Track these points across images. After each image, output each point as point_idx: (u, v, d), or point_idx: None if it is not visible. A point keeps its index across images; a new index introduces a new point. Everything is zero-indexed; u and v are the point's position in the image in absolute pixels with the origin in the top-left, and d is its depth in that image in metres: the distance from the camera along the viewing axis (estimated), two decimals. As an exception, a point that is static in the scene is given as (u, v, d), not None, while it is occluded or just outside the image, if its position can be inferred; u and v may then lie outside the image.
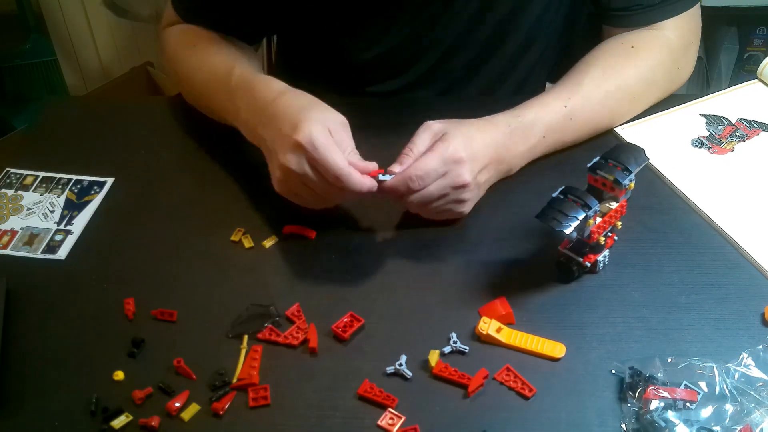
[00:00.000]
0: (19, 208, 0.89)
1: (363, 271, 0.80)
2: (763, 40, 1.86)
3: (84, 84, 2.23)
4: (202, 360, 0.72)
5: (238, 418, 0.68)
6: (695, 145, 0.93)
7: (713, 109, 0.98)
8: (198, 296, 0.79)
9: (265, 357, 0.72)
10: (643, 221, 0.85)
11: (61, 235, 0.86)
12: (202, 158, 0.96)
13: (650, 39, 0.96)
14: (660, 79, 0.96)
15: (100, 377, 0.71)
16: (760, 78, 1.03)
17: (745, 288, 0.77)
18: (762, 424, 0.64)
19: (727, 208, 0.85)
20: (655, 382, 0.67)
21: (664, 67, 0.96)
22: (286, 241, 0.84)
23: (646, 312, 0.75)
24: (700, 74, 1.88)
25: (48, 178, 0.93)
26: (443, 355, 0.72)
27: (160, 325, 0.76)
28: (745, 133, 0.95)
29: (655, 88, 0.96)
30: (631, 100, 0.95)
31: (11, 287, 0.79)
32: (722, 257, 0.81)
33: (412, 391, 0.70)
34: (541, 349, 0.72)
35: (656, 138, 0.94)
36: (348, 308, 0.76)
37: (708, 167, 0.91)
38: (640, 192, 0.89)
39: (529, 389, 0.69)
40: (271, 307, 0.76)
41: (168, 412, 0.68)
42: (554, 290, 0.78)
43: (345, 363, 0.72)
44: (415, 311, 0.76)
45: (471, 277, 0.79)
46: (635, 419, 0.65)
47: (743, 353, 0.69)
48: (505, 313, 0.74)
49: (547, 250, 0.82)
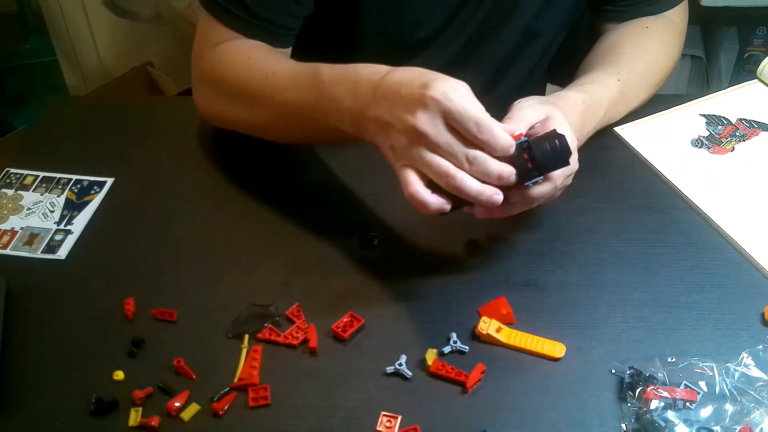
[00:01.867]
0: (19, 208, 0.89)
1: (363, 270, 0.80)
2: (763, 40, 1.86)
3: (84, 84, 2.23)
4: (202, 360, 0.72)
5: (238, 418, 0.68)
6: (695, 145, 0.93)
7: (713, 109, 0.98)
8: (198, 296, 0.79)
9: (265, 357, 0.72)
10: (643, 221, 0.85)
11: (61, 235, 0.86)
12: (202, 158, 0.96)
13: (660, 21, 0.99)
14: (674, 59, 0.99)
15: (100, 377, 0.71)
16: (760, 78, 1.03)
17: (745, 288, 0.78)
18: (762, 423, 0.64)
19: (727, 208, 0.85)
20: (655, 382, 0.67)
21: (676, 48, 1.00)
22: (285, 240, 0.84)
23: (646, 312, 0.76)
24: (700, 74, 1.88)
25: (48, 178, 0.93)
26: (443, 355, 0.72)
27: (160, 325, 0.76)
28: (745, 133, 0.95)
29: (672, 61, 0.99)
30: (659, 73, 0.96)
31: (11, 287, 0.79)
32: (722, 257, 0.81)
33: (412, 391, 0.70)
34: (541, 349, 0.72)
35: (656, 138, 0.94)
36: (348, 308, 0.76)
37: (708, 167, 0.91)
38: (640, 192, 0.89)
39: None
40: (271, 307, 0.76)
41: (168, 412, 0.68)
42: (554, 290, 0.78)
43: (345, 363, 0.72)
44: (415, 311, 0.76)
45: (471, 277, 0.79)
46: (635, 419, 0.65)
47: (743, 353, 0.69)
48: (505, 313, 0.74)
49: (547, 250, 0.82)
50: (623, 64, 0.91)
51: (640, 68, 0.92)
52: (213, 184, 0.92)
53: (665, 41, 0.98)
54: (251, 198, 0.89)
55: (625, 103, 0.92)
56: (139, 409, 0.68)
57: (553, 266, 0.80)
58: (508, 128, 0.69)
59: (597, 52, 0.96)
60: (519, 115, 0.73)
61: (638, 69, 0.92)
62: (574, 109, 0.81)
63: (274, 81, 0.84)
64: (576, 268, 0.80)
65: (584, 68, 0.94)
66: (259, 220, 0.87)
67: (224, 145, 0.96)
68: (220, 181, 0.92)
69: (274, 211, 0.87)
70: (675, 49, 0.99)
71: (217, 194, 0.90)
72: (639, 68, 0.92)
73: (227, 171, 0.93)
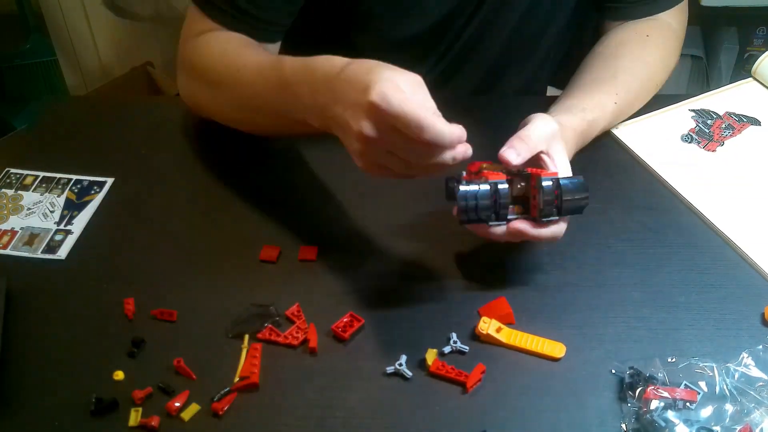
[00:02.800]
0: (19, 208, 0.89)
1: (363, 271, 0.80)
2: (763, 40, 1.86)
3: (84, 84, 2.23)
4: (202, 360, 0.72)
5: (238, 418, 0.68)
6: (685, 140, 0.94)
7: (703, 104, 0.99)
8: (198, 296, 0.79)
9: (265, 357, 0.72)
10: (642, 221, 0.85)
11: (61, 235, 0.86)
12: (202, 158, 0.96)
13: (659, 27, 0.98)
14: (671, 67, 0.99)
15: (100, 377, 0.71)
16: (754, 76, 1.03)
17: (745, 288, 0.78)
18: (762, 423, 0.64)
19: (722, 207, 0.85)
20: (655, 382, 0.67)
21: (674, 56, 1.00)
22: (285, 241, 0.84)
23: (646, 312, 0.76)
24: (700, 74, 1.88)
25: (48, 178, 0.93)
26: (443, 355, 0.72)
27: (160, 325, 0.76)
28: (733, 127, 0.95)
29: (668, 73, 0.99)
30: (654, 89, 0.97)
31: (11, 287, 0.79)
32: (722, 257, 0.81)
33: (412, 391, 0.70)
34: (541, 349, 0.72)
35: (649, 136, 0.94)
36: (348, 308, 0.76)
37: (700, 163, 0.91)
38: (640, 192, 0.89)
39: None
40: (271, 307, 0.76)
41: (168, 412, 0.68)
42: (554, 290, 0.78)
43: (345, 363, 0.72)
44: (415, 311, 0.76)
45: (471, 277, 0.79)
46: (635, 419, 0.65)
47: (743, 353, 0.69)
48: (505, 313, 0.74)
49: (547, 250, 0.82)
50: (621, 82, 0.91)
51: (637, 86, 0.93)
52: (213, 184, 0.92)
53: (664, 52, 0.98)
54: (251, 197, 0.89)
55: (619, 119, 0.94)
56: (139, 409, 0.68)
57: (553, 266, 0.80)
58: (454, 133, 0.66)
59: (596, 61, 0.95)
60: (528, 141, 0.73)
61: (635, 87, 0.93)
62: (571, 138, 0.83)
63: (244, 74, 0.84)
64: (576, 268, 0.80)
65: (582, 77, 0.93)
66: (259, 220, 0.87)
67: (224, 145, 0.96)
68: (220, 181, 0.92)
69: (274, 211, 0.87)
70: (673, 58, 1.00)
71: (217, 194, 0.90)
72: (636, 86, 0.93)
73: (227, 171, 0.93)
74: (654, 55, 0.96)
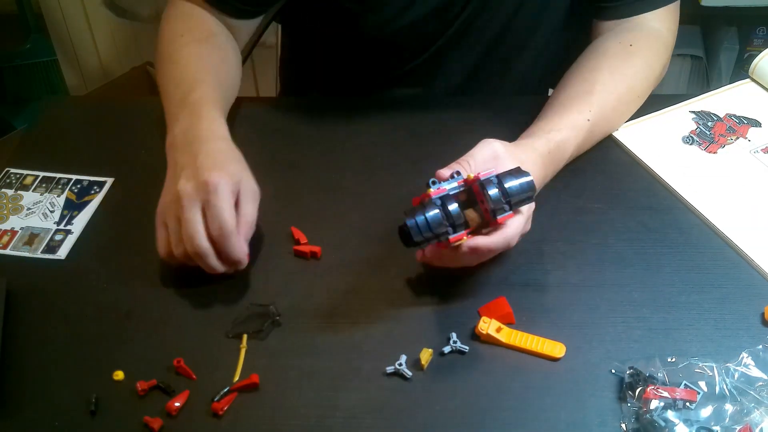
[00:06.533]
0: (19, 208, 0.89)
1: (363, 271, 0.80)
2: (763, 40, 1.86)
3: (84, 84, 2.23)
4: (202, 360, 0.72)
5: (238, 418, 0.68)
6: (686, 142, 0.94)
7: (703, 106, 0.99)
8: (198, 296, 0.79)
9: (265, 357, 0.72)
10: (643, 221, 0.85)
11: (61, 234, 0.86)
12: (202, 158, 0.96)
13: (645, 36, 0.96)
14: (657, 74, 0.97)
15: (100, 377, 0.71)
16: (752, 77, 1.03)
17: (745, 288, 0.78)
18: (762, 423, 0.64)
19: (723, 208, 0.85)
20: (655, 381, 0.67)
21: (660, 63, 0.97)
22: (285, 240, 0.84)
23: (646, 312, 0.76)
24: (700, 74, 1.88)
25: (48, 178, 0.93)
26: (443, 354, 0.72)
27: (161, 325, 0.76)
28: (734, 129, 0.95)
29: (653, 83, 0.97)
30: (636, 100, 0.95)
31: (11, 287, 0.79)
32: (722, 257, 0.81)
33: (412, 391, 0.70)
34: (541, 349, 0.72)
35: (650, 138, 0.94)
36: (348, 308, 0.76)
37: (700, 165, 0.91)
38: (640, 192, 0.89)
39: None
40: (270, 307, 0.76)
41: (168, 412, 0.68)
42: (554, 290, 0.78)
43: (345, 363, 0.72)
44: (415, 311, 0.76)
45: (471, 277, 0.79)
46: (635, 419, 0.65)
47: (743, 353, 0.69)
48: (505, 313, 0.74)
49: (547, 250, 0.82)
50: (596, 98, 0.89)
51: (612, 100, 0.91)
52: (213, 184, 0.92)
53: (649, 60, 0.95)
54: (251, 198, 0.89)
55: (594, 137, 0.91)
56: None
57: (553, 266, 0.80)
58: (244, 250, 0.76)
59: (574, 76, 0.93)
60: (468, 160, 0.76)
61: (611, 101, 0.90)
62: (537, 160, 0.81)
63: (170, 67, 0.92)
64: (576, 268, 0.80)
65: (558, 95, 0.92)
66: (258, 220, 0.86)
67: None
68: (220, 181, 0.92)
69: (273, 211, 0.87)
70: (659, 65, 0.96)
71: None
72: (611, 100, 0.90)
73: (227, 171, 0.93)
74: (636, 66, 0.93)
